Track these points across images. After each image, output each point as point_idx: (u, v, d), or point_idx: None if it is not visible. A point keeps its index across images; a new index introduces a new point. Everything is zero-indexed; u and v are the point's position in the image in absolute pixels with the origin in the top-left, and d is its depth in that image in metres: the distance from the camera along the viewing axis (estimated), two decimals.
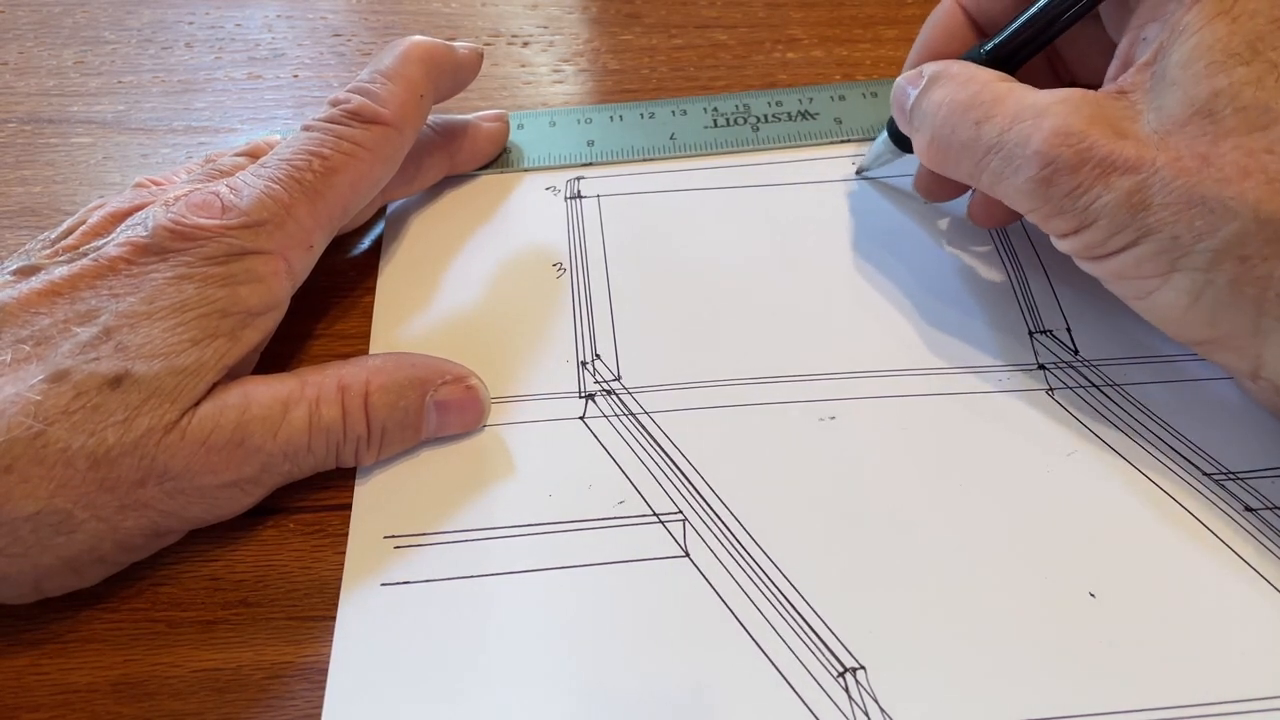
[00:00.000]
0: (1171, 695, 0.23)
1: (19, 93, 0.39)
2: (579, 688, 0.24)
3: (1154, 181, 0.23)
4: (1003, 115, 0.25)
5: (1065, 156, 0.24)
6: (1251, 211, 0.22)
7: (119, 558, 0.25)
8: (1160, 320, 0.25)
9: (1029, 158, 0.24)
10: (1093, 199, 0.24)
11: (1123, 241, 0.24)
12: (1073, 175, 0.24)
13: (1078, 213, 0.24)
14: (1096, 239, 0.24)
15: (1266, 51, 0.23)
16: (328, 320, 0.32)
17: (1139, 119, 0.24)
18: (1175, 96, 0.23)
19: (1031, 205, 0.25)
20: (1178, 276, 0.23)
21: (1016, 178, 0.25)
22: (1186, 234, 0.23)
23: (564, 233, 0.34)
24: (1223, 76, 0.23)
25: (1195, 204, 0.22)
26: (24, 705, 0.24)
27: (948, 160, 0.27)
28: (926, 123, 0.27)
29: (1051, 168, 0.24)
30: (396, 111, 0.29)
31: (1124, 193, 0.23)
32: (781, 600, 0.25)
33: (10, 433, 0.22)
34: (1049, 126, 0.24)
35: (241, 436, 0.24)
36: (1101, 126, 0.24)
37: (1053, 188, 0.24)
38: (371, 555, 0.26)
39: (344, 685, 0.24)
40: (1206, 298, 0.23)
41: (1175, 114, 0.23)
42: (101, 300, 0.24)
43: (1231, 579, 0.25)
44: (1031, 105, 0.25)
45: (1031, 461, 0.27)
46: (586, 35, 0.42)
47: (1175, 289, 0.24)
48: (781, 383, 0.29)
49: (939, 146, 0.27)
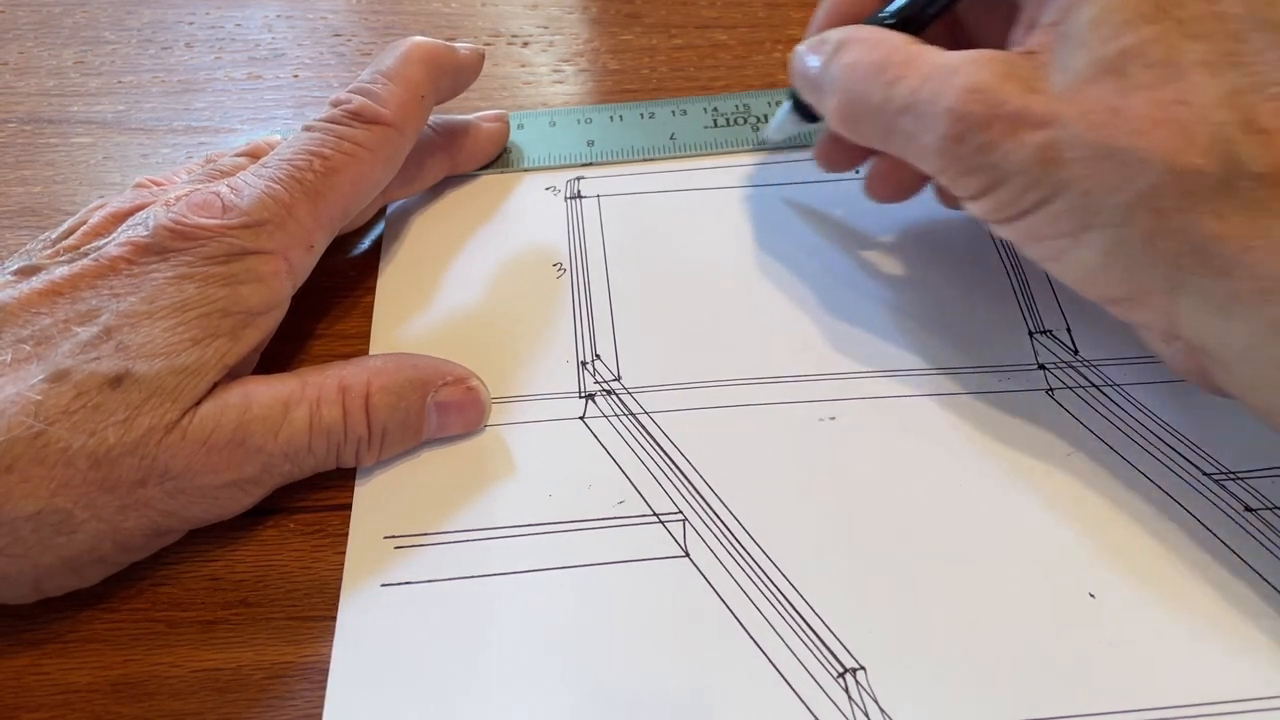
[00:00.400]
0: (1171, 695, 0.23)
1: (19, 93, 0.39)
2: (579, 688, 0.24)
3: (1064, 136, 0.23)
4: (914, 75, 0.25)
5: (976, 112, 0.23)
6: (1164, 162, 0.22)
7: (119, 558, 0.25)
8: (1075, 280, 0.25)
9: (940, 114, 0.24)
10: (1004, 155, 0.23)
11: (1034, 199, 0.23)
12: (984, 131, 0.23)
13: (988, 170, 0.24)
14: (1008, 197, 0.24)
15: (1172, 10, 0.22)
16: (328, 320, 0.32)
17: (1049, 77, 0.24)
18: (1083, 56, 0.23)
19: (942, 164, 0.25)
20: (1091, 233, 0.23)
21: (928, 135, 0.25)
22: (1098, 188, 0.22)
23: (564, 233, 0.34)
24: (1130, 35, 0.22)
25: (1107, 157, 0.22)
26: (24, 705, 0.24)
27: (860, 123, 0.27)
28: (838, 86, 0.27)
29: (963, 124, 0.24)
30: (397, 112, 0.29)
31: (1035, 148, 0.23)
32: (781, 600, 0.25)
33: (11, 432, 0.22)
34: (960, 83, 0.24)
35: (242, 436, 0.24)
36: (1013, 82, 0.23)
37: (963, 145, 0.24)
38: (372, 555, 0.26)
39: (344, 685, 0.24)
40: (1120, 254, 0.23)
41: (1084, 72, 0.23)
42: (102, 300, 0.24)
43: (1231, 579, 0.25)
44: (943, 64, 0.25)
45: (1031, 461, 0.27)
46: (586, 35, 0.42)
47: (1089, 246, 0.23)
48: (781, 383, 0.29)
49: (851, 110, 0.27)
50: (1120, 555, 0.25)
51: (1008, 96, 0.23)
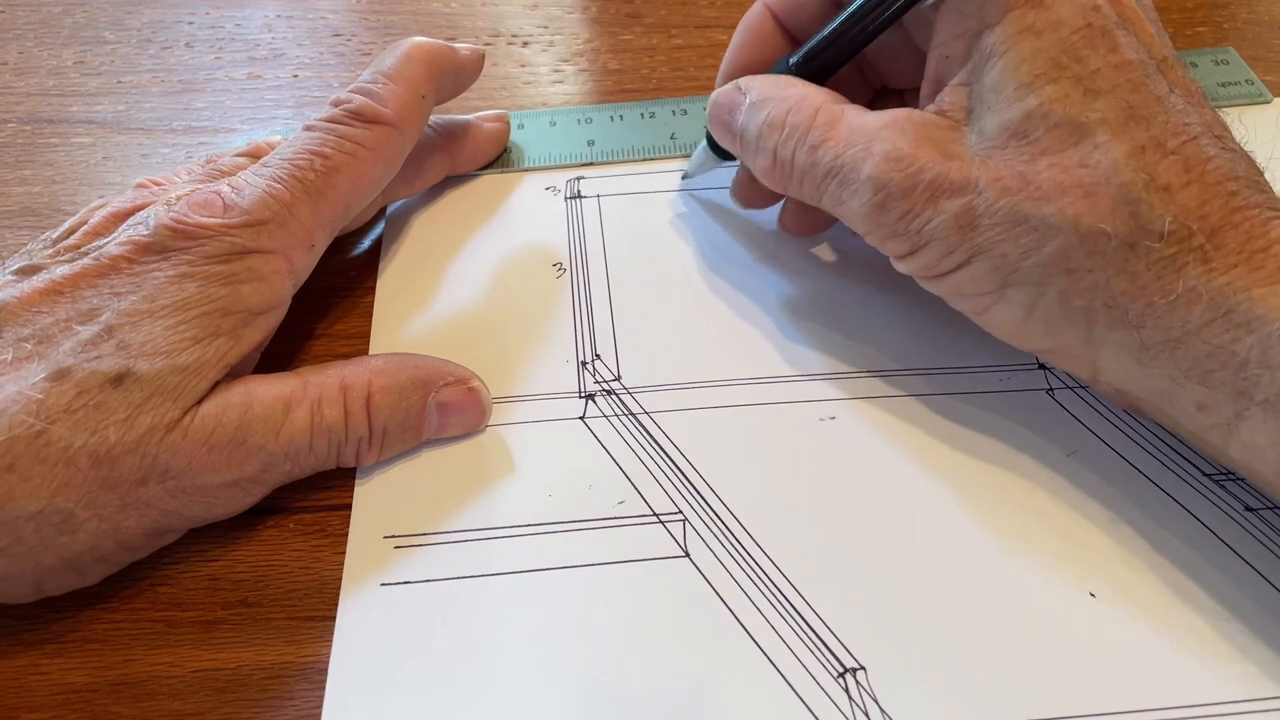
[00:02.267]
0: (1171, 695, 0.23)
1: (19, 93, 0.39)
2: (579, 688, 0.24)
3: (979, 203, 0.23)
4: (836, 140, 0.26)
5: (896, 181, 0.24)
6: (1072, 226, 0.23)
7: (120, 557, 0.25)
8: (1000, 333, 0.26)
9: (863, 184, 0.25)
10: (924, 222, 0.24)
11: (956, 261, 0.24)
12: (904, 200, 0.24)
13: (911, 235, 0.25)
14: (931, 259, 0.25)
15: (1071, 65, 0.23)
16: (328, 320, 0.32)
17: (963, 140, 0.24)
18: (991, 120, 0.24)
19: (869, 228, 0.26)
20: (1011, 291, 0.24)
21: (853, 202, 0.25)
22: (1014, 251, 0.23)
23: (564, 233, 0.34)
24: (1032, 97, 0.23)
25: (1019, 222, 0.23)
26: (24, 705, 0.24)
27: (790, 183, 0.27)
28: (764, 147, 0.27)
29: (884, 193, 0.24)
30: (398, 112, 0.29)
31: (952, 215, 0.24)
32: (781, 600, 0.25)
33: (12, 431, 0.22)
34: (879, 152, 0.25)
35: (243, 436, 0.24)
36: (929, 149, 0.24)
37: (886, 213, 0.25)
38: (371, 555, 0.26)
39: (344, 685, 0.24)
40: (1039, 311, 0.24)
41: (994, 137, 0.24)
42: (103, 299, 0.24)
43: (1231, 579, 0.25)
44: (862, 129, 0.25)
45: (1031, 461, 0.27)
46: (586, 35, 0.42)
47: (1009, 304, 0.24)
48: (781, 383, 0.29)
49: (781, 170, 0.27)
50: (1120, 555, 0.25)
51: (925, 164, 0.24)
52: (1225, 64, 0.38)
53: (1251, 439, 0.22)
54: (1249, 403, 0.22)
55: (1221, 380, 0.22)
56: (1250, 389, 0.21)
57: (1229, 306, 0.21)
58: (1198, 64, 0.38)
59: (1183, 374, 0.22)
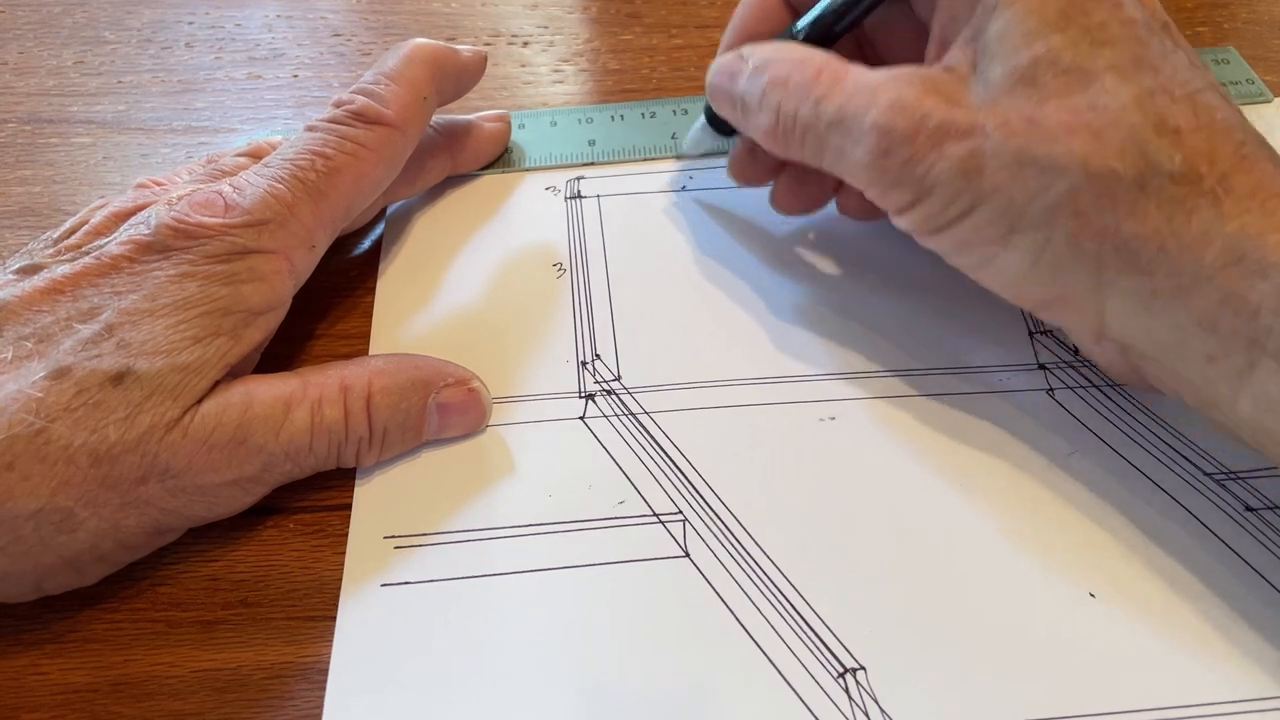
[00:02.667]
0: (1171, 695, 0.23)
1: (19, 93, 0.39)
2: (579, 688, 0.24)
3: (986, 146, 0.23)
4: (841, 92, 0.25)
5: (901, 126, 0.24)
6: (1081, 166, 0.22)
7: (119, 556, 0.25)
8: (1004, 286, 0.25)
9: (867, 131, 0.25)
10: (929, 167, 0.24)
11: (960, 209, 0.24)
12: (909, 144, 0.24)
13: (915, 182, 0.24)
14: (935, 208, 0.24)
15: (1078, 17, 0.23)
16: (329, 320, 0.32)
17: (969, 91, 0.24)
18: (999, 68, 0.24)
19: (870, 178, 0.25)
20: (1017, 238, 0.24)
21: (856, 151, 0.25)
22: (1021, 194, 0.23)
23: (564, 233, 0.34)
24: (1040, 44, 0.23)
25: (1026, 164, 0.23)
26: (24, 705, 0.24)
27: (791, 142, 0.27)
28: (767, 104, 0.27)
29: (889, 139, 0.24)
30: (400, 113, 0.29)
31: (958, 159, 0.23)
32: (781, 600, 0.25)
33: (12, 430, 0.22)
34: (884, 99, 0.24)
35: (243, 435, 0.24)
36: (935, 96, 0.24)
37: (890, 158, 0.24)
38: (372, 555, 0.26)
39: (344, 685, 0.24)
40: (1046, 256, 0.24)
41: (1000, 83, 0.24)
42: (104, 298, 0.24)
43: (1231, 579, 0.25)
44: (868, 81, 0.25)
45: (1031, 461, 0.27)
46: (586, 35, 0.42)
47: (1016, 251, 0.24)
48: (781, 383, 0.29)
49: (783, 129, 0.27)
50: (1120, 555, 0.25)
51: (930, 110, 0.24)
52: (1225, 63, 0.38)
53: (1264, 390, 0.22)
54: (1261, 353, 0.21)
55: (1233, 329, 0.22)
56: (1263, 338, 0.21)
57: (1242, 252, 0.21)
58: None
59: (1194, 323, 0.22)
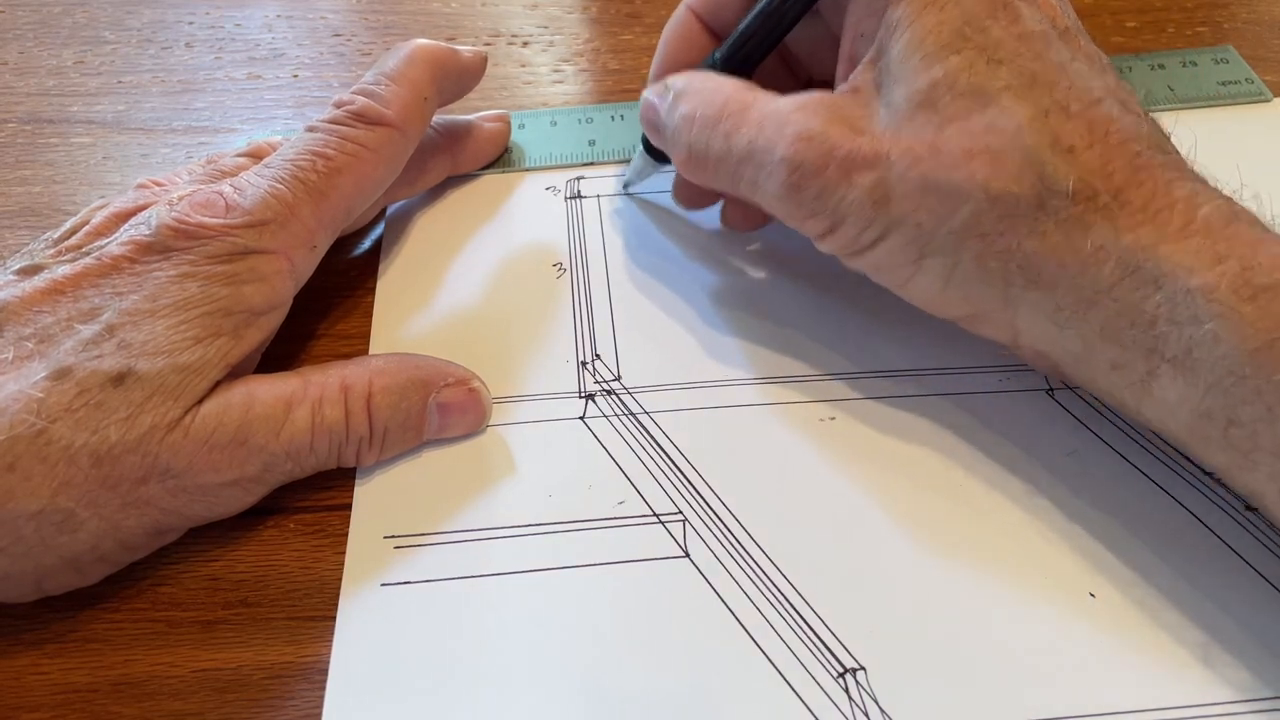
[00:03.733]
0: (1171, 695, 0.23)
1: (19, 93, 0.39)
2: (579, 688, 0.24)
3: (891, 175, 0.24)
4: (749, 125, 0.26)
5: (810, 159, 0.24)
6: (982, 190, 0.23)
7: (120, 556, 0.25)
8: (923, 303, 0.26)
9: (777, 164, 0.25)
10: (840, 198, 0.24)
11: (873, 236, 0.25)
12: (818, 177, 0.24)
13: (828, 213, 0.25)
14: (850, 235, 0.25)
15: (974, 36, 0.23)
16: (329, 320, 0.32)
17: (873, 116, 0.25)
18: (899, 92, 0.24)
19: (786, 210, 0.26)
20: (927, 261, 0.24)
21: (769, 184, 0.25)
22: (928, 220, 0.24)
23: (564, 233, 0.34)
24: (938, 67, 0.24)
25: (930, 191, 0.23)
26: (24, 705, 0.24)
27: (705, 173, 0.28)
28: (680, 138, 0.28)
29: (798, 173, 0.25)
30: (400, 113, 0.29)
31: (866, 189, 0.24)
32: (781, 600, 0.25)
33: (13, 430, 0.22)
34: (791, 132, 0.25)
35: (244, 435, 0.24)
36: (840, 126, 0.24)
37: (802, 191, 0.25)
38: (372, 555, 0.26)
39: (344, 685, 0.24)
40: (957, 277, 0.24)
41: (902, 109, 0.24)
42: (104, 298, 0.24)
43: (1232, 579, 0.25)
44: (774, 112, 0.26)
45: (1031, 461, 0.27)
46: (586, 35, 0.42)
47: (928, 273, 0.25)
48: (781, 383, 0.29)
49: (696, 161, 0.28)
50: (1120, 555, 0.25)
51: (836, 141, 0.24)
52: (1225, 63, 0.38)
53: (1163, 396, 0.22)
54: (1159, 360, 0.22)
55: (1133, 339, 0.22)
56: (1160, 346, 0.22)
57: (1136, 264, 0.22)
58: (1198, 63, 0.38)
59: (1096, 334, 0.23)
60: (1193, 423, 0.22)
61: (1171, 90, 0.37)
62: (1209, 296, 0.21)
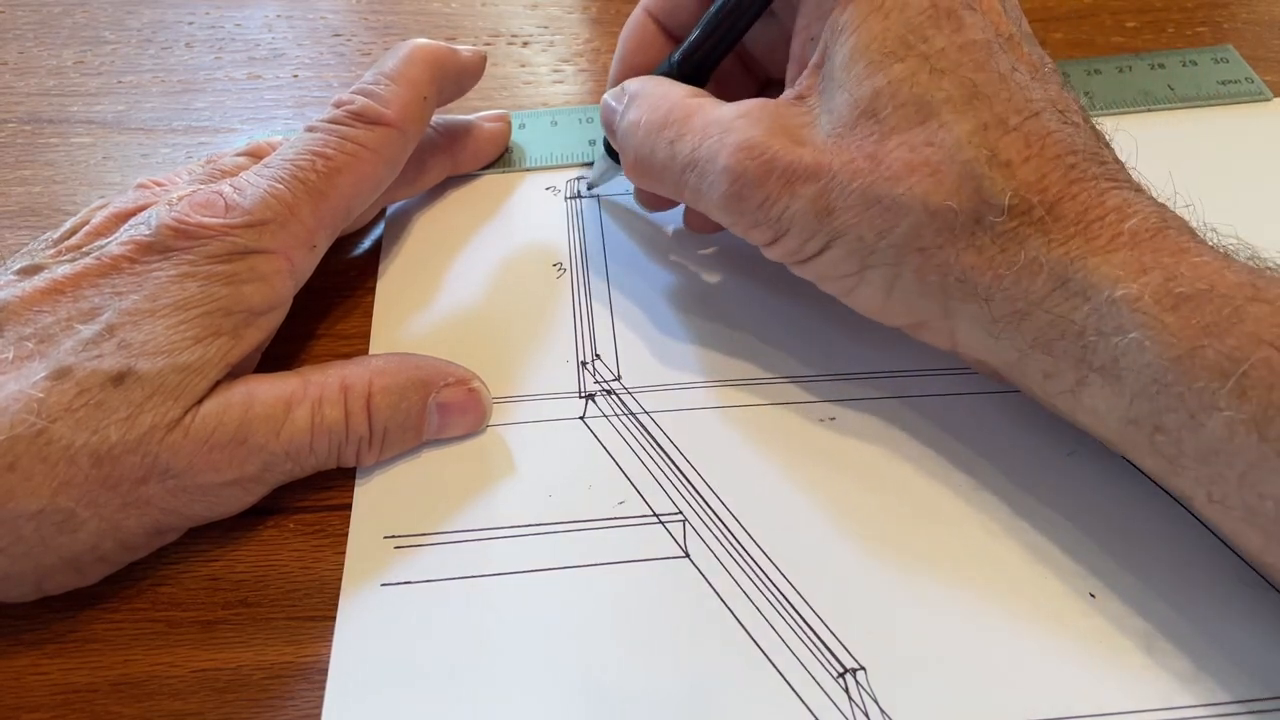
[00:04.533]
0: (1171, 695, 0.23)
1: (19, 93, 0.39)
2: (579, 688, 0.24)
3: (833, 186, 0.24)
4: (692, 133, 0.26)
5: (751, 170, 0.24)
6: (921, 204, 0.23)
7: (120, 556, 0.25)
8: (867, 313, 0.26)
9: (719, 174, 0.25)
10: (782, 209, 0.24)
11: (817, 246, 0.25)
12: (760, 188, 0.24)
13: (771, 223, 0.25)
14: (794, 245, 0.25)
15: (918, 45, 0.23)
16: (329, 320, 0.32)
17: (816, 124, 0.25)
18: (842, 99, 0.24)
19: (730, 219, 0.26)
20: (870, 273, 0.25)
21: (712, 193, 0.26)
22: (870, 233, 0.24)
23: (564, 233, 0.34)
24: (881, 75, 0.24)
25: (872, 203, 0.23)
26: (24, 705, 0.24)
27: (651, 179, 0.28)
28: (628, 143, 0.28)
29: (740, 183, 0.25)
30: (400, 113, 0.29)
31: (808, 200, 0.24)
32: (781, 600, 0.25)
33: (13, 430, 0.22)
34: (732, 142, 0.25)
35: (244, 435, 0.24)
36: (781, 137, 0.24)
37: (744, 201, 0.25)
38: (372, 555, 0.26)
39: (344, 685, 0.24)
40: (898, 289, 0.24)
41: (844, 116, 0.24)
42: (104, 298, 0.24)
43: (1232, 579, 0.25)
44: (717, 121, 0.26)
45: (1031, 461, 0.27)
46: (586, 35, 0.42)
47: (870, 284, 0.25)
48: (781, 383, 0.29)
49: (642, 166, 0.28)
50: (1120, 555, 0.25)
51: (778, 152, 0.24)
52: (1225, 63, 0.38)
53: (1093, 404, 0.23)
54: (1088, 369, 0.22)
55: (1064, 349, 0.22)
56: (1089, 356, 0.22)
57: (1066, 276, 0.22)
58: (1198, 62, 0.38)
59: (1029, 344, 0.23)
60: (1122, 429, 0.22)
61: (1171, 90, 0.37)
62: (1133, 307, 0.21)
